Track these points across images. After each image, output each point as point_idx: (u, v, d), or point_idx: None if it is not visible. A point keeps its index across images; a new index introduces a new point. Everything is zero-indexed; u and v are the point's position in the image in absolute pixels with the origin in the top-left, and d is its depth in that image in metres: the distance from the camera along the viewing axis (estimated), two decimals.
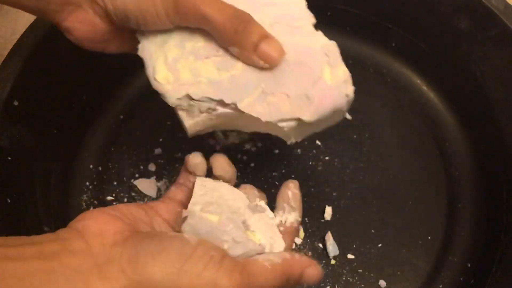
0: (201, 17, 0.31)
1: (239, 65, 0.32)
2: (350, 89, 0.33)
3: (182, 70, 0.32)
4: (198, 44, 0.32)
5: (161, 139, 0.51)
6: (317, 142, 0.51)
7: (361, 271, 0.45)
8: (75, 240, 0.26)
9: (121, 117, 0.52)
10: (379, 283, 0.44)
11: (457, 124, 0.53)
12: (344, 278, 0.44)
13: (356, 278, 0.45)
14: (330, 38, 0.57)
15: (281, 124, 0.32)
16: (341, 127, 0.52)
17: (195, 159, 0.34)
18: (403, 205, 0.48)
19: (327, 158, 0.50)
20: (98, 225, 0.27)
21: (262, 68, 0.32)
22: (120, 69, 0.50)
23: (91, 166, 0.50)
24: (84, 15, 0.33)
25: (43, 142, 0.44)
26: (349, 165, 0.50)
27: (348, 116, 0.53)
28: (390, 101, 0.54)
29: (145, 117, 0.52)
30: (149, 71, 0.33)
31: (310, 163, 0.50)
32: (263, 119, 0.31)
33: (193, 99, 0.32)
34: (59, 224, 0.45)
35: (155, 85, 0.32)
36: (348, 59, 0.56)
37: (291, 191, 0.35)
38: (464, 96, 0.52)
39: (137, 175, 0.49)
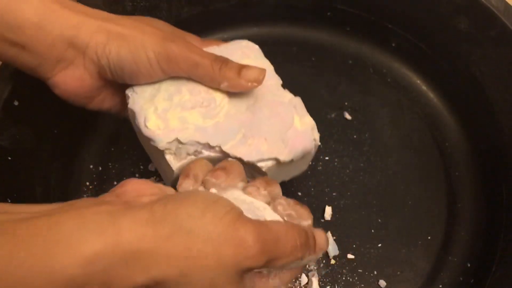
0: (192, 63, 0.35)
1: (222, 114, 0.36)
2: (316, 135, 0.38)
3: (171, 119, 0.35)
4: (184, 97, 0.36)
5: None
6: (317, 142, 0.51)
7: (361, 271, 0.45)
8: (111, 198, 0.28)
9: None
10: (379, 283, 0.44)
11: (457, 124, 0.53)
12: (344, 278, 0.44)
13: (356, 278, 0.45)
14: (330, 38, 0.57)
15: (260, 164, 0.35)
16: (341, 127, 0.52)
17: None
18: (403, 205, 0.48)
19: (327, 158, 0.50)
20: (137, 191, 0.29)
21: (251, 88, 0.36)
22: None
23: (91, 166, 0.50)
24: (74, 72, 0.36)
25: (43, 142, 0.44)
26: (349, 165, 0.50)
27: (348, 116, 0.53)
28: (390, 101, 0.54)
29: None
30: (141, 120, 0.36)
31: (310, 163, 0.50)
32: (245, 158, 0.35)
33: (181, 143, 0.35)
34: None
35: (146, 131, 0.35)
36: (348, 59, 0.57)
37: None
38: (464, 96, 0.52)
39: (137, 175, 0.49)
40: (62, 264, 0.23)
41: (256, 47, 0.41)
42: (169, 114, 0.36)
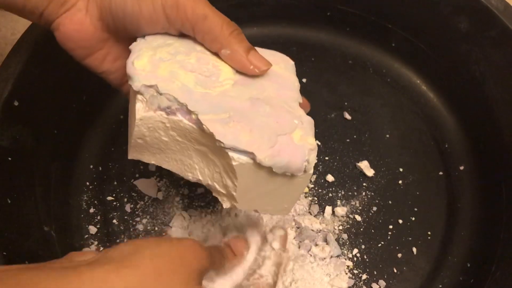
0: (202, 14, 0.32)
1: (218, 89, 0.32)
2: (312, 158, 0.32)
3: (162, 68, 0.32)
4: (189, 60, 0.33)
5: None
6: (317, 142, 0.51)
7: (361, 271, 0.45)
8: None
9: (121, 117, 0.52)
10: (379, 283, 0.44)
11: (457, 124, 0.53)
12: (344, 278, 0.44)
13: (356, 278, 0.45)
14: (330, 38, 0.57)
15: (231, 154, 0.30)
16: (341, 127, 0.52)
17: None
18: (403, 205, 0.48)
19: (327, 158, 0.50)
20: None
21: (251, 75, 0.34)
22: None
23: (91, 166, 0.50)
24: (76, 14, 0.34)
25: (43, 142, 0.44)
26: (349, 165, 0.50)
27: (348, 116, 0.53)
28: (390, 101, 0.54)
29: None
30: (131, 57, 0.32)
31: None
32: (218, 137, 0.30)
33: (158, 92, 0.31)
34: (59, 224, 0.45)
35: (129, 67, 0.31)
36: (348, 59, 0.57)
37: None
38: (464, 96, 0.52)
39: (137, 175, 0.49)
40: None
41: (291, 62, 0.37)
42: (163, 64, 0.32)
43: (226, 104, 0.31)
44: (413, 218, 0.48)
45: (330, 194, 0.48)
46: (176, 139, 0.33)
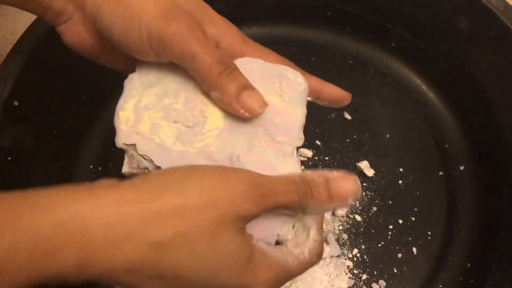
0: (189, 53, 0.29)
1: (198, 145, 0.31)
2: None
3: (144, 120, 0.31)
4: (175, 105, 0.31)
5: None
6: (317, 142, 0.51)
7: (361, 271, 0.45)
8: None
9: None
10: (379, 283, 0.44)
11: (457, 124, 0.53)
12: (344, 278, 0.44)
13: (356, 278, 0.45)
14: (330, 38, 0.57)
15: None
16: (341, 127, 0.52)
17: None
18: (403, 205, 0.48)
19: (327, 158, 0.50)
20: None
21: (242, 118, 0.31)
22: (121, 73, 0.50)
23: (91, 166, 0.50)
24: (73, 27, 0.33)
25: (43, 142, 0.44)
26: (349, 165, 0.50)
27: (348, 116, 0.53)
28: (390, 101, 0.54)
29: None
30: (119, 103, 0.32)
31: (310, 163, 0.50)
32: None
33: (137, 153, 0.31)
34: None
35: (115, 119, 0.32)
36: (348, 59, 0.57)
37: None
38: (464, 96, 0.52)
39: None
40: (33, 222, 0.21)
41: (302, 87, 0.33)
42: (146, 115, 0.31)
43: (201, 161, 0.30)
44: (413, 218, 0.48)
45: None
46: None
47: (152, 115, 0.31)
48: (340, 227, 0.47)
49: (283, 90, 0.32)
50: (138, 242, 0.22)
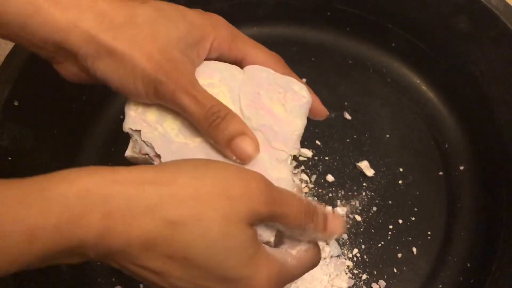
0: (180, 106, 0.30)
1: (197, 140, 0.32)
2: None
3: (152, 110, 0.33)
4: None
5: None
6: (317, 142, 0.51)
7: (361, 271, 0.45)
8: None
9: (121, 117, 0.52)
10: (379, 283, 0.44)
11: (457, 124, 0.53)
12: (344, 278, 0.44)
13: (356, 278, 0.45)
14: (330, 38, 0.57)
15: None
16: (341, 127, 0.52)
17: None
18: (403, 205, 0.48)
19: (327, 158, 0.50)
20: None
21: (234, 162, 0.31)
22: None
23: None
24: (69, 67, 0.34)
25: (43, 142, 0.44)
26: (349, 165, 0.50)
27: (348, 116, 0.53)
28: (390, 101, 0.54)
29: None
30: (129, 100, 0.34)
31: (310, 163, 0.50)
32: None
33: (141, 139, 0.32)
34: None
35: (126, 105, 0.33)
36: (348, 59, 0.57)
37: None
38: (464, 96, 0.52)
39: None
40: (58, 192, 0.23)
41: (304, 100, 0.34)
42: (154, 107, 0.33)
43: (201, 154, 0.32)
44: (413, 218, 0.48)
45: (330, 194, 0.48)
46: None
47: (160, 107, 0.33)
48: None
49: (287, 100, 0.33)
50: (155, 218, 0.24)
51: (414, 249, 0.46)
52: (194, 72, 0.32)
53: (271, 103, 0.33)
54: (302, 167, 0.50)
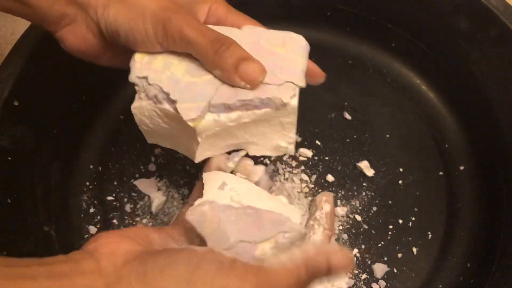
0: (186, 40, 0.32)
1: (206, 77, 0.33)
2: (291, 149, 0.38)
3: (158, 59, 0.34)
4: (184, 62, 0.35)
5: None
6: (317, 142, 0.51)
7: (361, 271, 0.45)
8: (86, 261, 0.25)
9: (121, 117, 0.52)
10: (379, 283, 0.44)
11: (457, 124, 0.53)
12: (344, 278, 0.44)
13: (356, 278, 0.45)
14: (330, 38, 0.57)
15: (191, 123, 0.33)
16: (341, 127, 0.52)
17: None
18: (403, 205, 0.48)
19: (327, 158, 0.50)
20: (110, 246, 0.26)
21: (244, 88, 0.33)
22: (120, 69, 0.50)
23: (91, 166, 0.50)
24: (77, 29, 0.35)
25: (43, 142, 0.44)
26: (349, 165, 0.50)
27: (348, 116, 0.53)
28: (390, 101, 0.54)
29: None
30: (133, 54, 0.35)
31: (310, 163, 0.50)
32: (184, 118, 0.32)
33: (148, 83, 0.33)
34: (59, 224, 0.45)
35: (130, 61, 0.34)
36: (348, 59, 0.57)
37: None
38: (464, 96, 0.52)
39: (137, 175, 0.49)
40: None
41: (303, 43, 0.37)
42: (160, 56, 0.34)
43: (207, 92, 0.33)
44: (413, 218, 0.48)
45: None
46: (173, 126, 0.35)
47: (166, 56, 0.34)
48: (340, 227, 0.47)
49: (286, 43, 0.36)
50: None
51: (414, 249, 0.46)
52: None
53: (272, 47, 0.35)
54: (302, 167, 0.50)
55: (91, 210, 0.47)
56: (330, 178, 0.49)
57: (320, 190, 0.49)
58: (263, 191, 0.35)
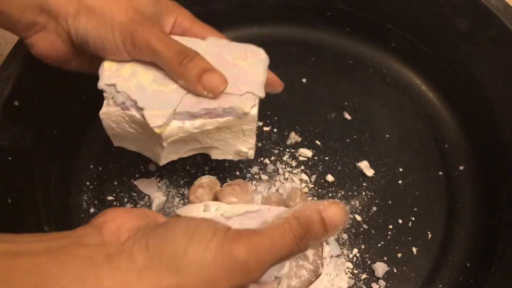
0: (152, 51, 0.34)
1: (172, 86, 0.35)
2: (251, 154, 0.40)
3: (126, 68, 0.36)
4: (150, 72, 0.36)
5: None
6: (317, 142, 0.51)
7: (361, 271, 0.45)
8: (91, 235, 0.26)
9: None
10: (379, 283, 0.44)
11: (456, 124, 0.53)
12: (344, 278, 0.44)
13: (356, 278, 0.45)
14: (330, 38, 0.58)
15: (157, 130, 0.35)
16: (341, 127, 0.52)
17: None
18: (403, 205, 0.48)
19: (327, 158, 0.50)
20: (117, 221, 0.27)
21: (206, 97, 0.35)
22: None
23: (91, 166, 0.50)
24: (47, 36, 0.36)
25: (43, 142, 0.44)
26: (349, 165, 0.50)
27: (348, 116, 0.53)
28: (390, 101, 0.54)
29: None
30: (102, 62, 0.36)
31: (310, 163, 0.50)
32: (151, 125, 0.34)
33: (116, 90, 0.35)
34: (59, 224, 0.45)
35: (99, 69, 0.36)
36: (348, 59, 0.57)
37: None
38: (464, 96, 0.52)
39: (137, 175, 0.49)
40: None
41: (263, 56, 0.39)
42: (128, 64, 0.36)
43: (173, 101, 0.35)
44: (413, 218, 0.48)
45: (330, 194, 0.48)
46: (139, 131, 0.37)
47: (133, 65, 0.36)
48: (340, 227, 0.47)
49: (248, 57, 0.38)
50: None
51: (414, 249, 0.46)
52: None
53: (234, 60, 0.37)
54: (302, 167, 0.50)
55: (91, 210, 0.47)
56: (330, 178, 0.49)
57: (320, 190, 0.49)
58: (250, 203, 0.36)
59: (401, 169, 0.50)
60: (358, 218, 0.47)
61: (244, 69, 0.37)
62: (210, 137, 0.38)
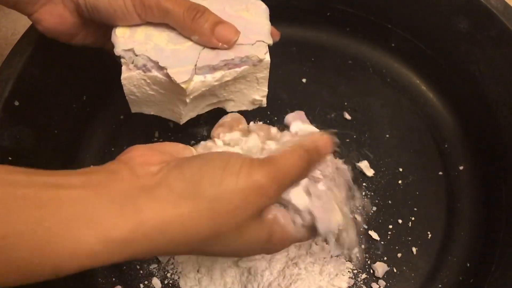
0: (163, 10, 0.35)
1: (187, 44, 0.37)
2: (264, 101, 0.43)
3: (139, 32, 0.37)
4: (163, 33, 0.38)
5: (161, 140, 0.51)
6: None
7: (361, 271, 0.45)
8: (122, 170, 0.27)
9: (121, 117, 0.52)
10: (379, 283, 0.44)
11: (456, 124, 0.53)
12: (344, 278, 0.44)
13: (356, 278, 0.45)
14: (330, 38, 0.57)
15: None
16: (341, 127, 0.52)
17: None
18: (403, 205, 0.48)
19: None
20: (144, 157, 0.29)
21: (221, 49, 0.37)
22: (120, 69, 0.50)
23: (91, 166, 0.50)
24: (54, 8, 0.36)
25: (43, 142, 0.44)
26: (349, 165, 0.50)
27: (348, 116, 0.53)
28: (390, 101, 0.54)
29: (145, 117, 0.52)
30: (114, 30, 0.37)
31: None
32: (177, 81, 0.36)
33: (135, 54, 0.36)
34: None
35: (112, 37, 0.37)
36: (348, 59, 0.57)
37: None
38: (464, 96, 0.52)
39: None
40: (84, 240, 0.23)
41: (263, 7, 0.41)
42: (139, 29, 0.37)
43: (192, 56, 0.36)
44: (413, 218, 0.48)
45: None
46: (160, 92, 0.39)
47: (144, 29, 0.37)
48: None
49: (249, 9, 0.40)
50: (177, 249, 0.27)
51: (414, 249, 0.46)
52: None
53: (237, 12, 0.39)
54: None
55: None
56: None
57: None
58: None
59: (401, 169, 0.50)
60: (358, 218, 0.47)
61: (249, 20, 0.39)
62: (227, 90, 0.40)
